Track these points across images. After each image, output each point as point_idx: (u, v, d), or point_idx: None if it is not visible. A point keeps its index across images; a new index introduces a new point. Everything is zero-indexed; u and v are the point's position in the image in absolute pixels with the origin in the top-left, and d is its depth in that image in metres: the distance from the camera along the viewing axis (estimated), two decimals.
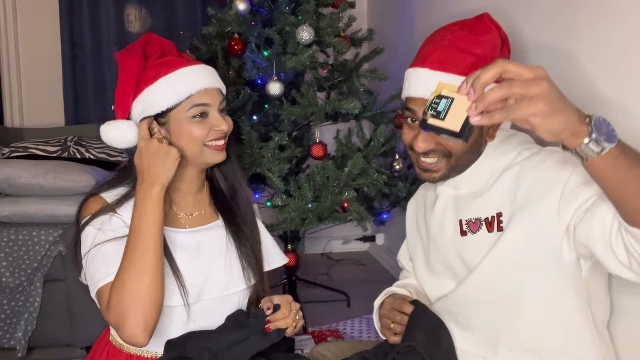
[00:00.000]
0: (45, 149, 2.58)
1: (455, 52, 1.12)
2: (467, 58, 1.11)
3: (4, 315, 2.29)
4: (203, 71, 1.26)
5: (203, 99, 1.22)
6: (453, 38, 1.13)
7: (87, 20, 3.35)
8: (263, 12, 2.33)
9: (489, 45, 1.13)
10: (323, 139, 2.28)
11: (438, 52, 1.13)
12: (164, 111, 1.21)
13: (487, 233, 1.14)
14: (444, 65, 1.11)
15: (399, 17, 2.99)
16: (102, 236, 1.17)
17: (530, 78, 0.73)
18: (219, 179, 1.34)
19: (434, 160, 1.15)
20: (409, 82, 1.17)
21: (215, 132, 1.23)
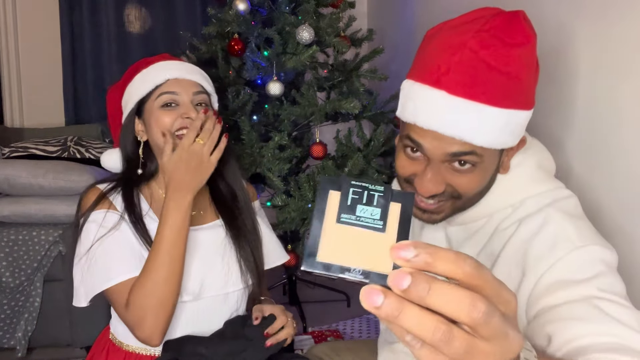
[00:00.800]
0: (45, 149, 2.58)
1: (483, 70, 0.83)
2: (498, 80, 0.83)
3: (4, 315, 2.29)
4: (177, 64, 1.29)
5: (171, 87, 1.24)
6: (478, 46, 0.83)
7: (87, 20, 3.36)
8: (263, 12, 2.33)
9: (525, 63, 0.85)
10: (323, 139, 2.27)
11: (458, 69, 0.84)
12: (140, 104, 1.26)
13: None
14: (468, 89, 0.83)
15: (399, 17, 2.99)
16: (103, 230, 1.18)
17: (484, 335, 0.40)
18: (218, 181, 1.34)
19: (439, 203, 0.93)
20: (415, 105, 0.88)
21: (183, 120, 1.22)
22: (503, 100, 0.84)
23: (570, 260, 0.83)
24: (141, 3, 3.45)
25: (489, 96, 0.83)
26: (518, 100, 0.86)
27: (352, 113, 2.21)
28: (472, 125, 0.84)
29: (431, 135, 0.87)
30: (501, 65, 0.83)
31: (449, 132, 0.85)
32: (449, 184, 0.90)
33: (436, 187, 0.89)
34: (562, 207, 0.91)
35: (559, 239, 0.86)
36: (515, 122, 0.87)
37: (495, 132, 0.85)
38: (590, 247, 0.84)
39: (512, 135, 0.88)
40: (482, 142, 0.85)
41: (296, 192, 2.14)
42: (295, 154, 2.23)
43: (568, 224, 0.87)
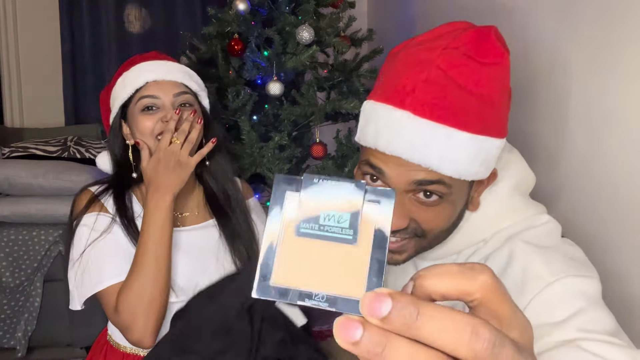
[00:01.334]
0: (45, 149, 2.58)
1: (452, 90, 0.74)
2: (468, 102, 0.75)
3: (4, 315, 2.29)
4: (157, 65, 1.27)
5: (150, 91, 1.23)
6: (446, 65, 0.75)
7: (87, 20, 3.36)
8: (263, 12, 2.33)
9: (498, 84, 0.77)
10: (323, 139, 2.27)
11: (425, 88, 0.75)
12: (123, 108, 1.25)
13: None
14: (436, 111, 0.74)
15: (399, 17, 2.99)
16: (95, 234, 1.18)
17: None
18: (209, 181, 1.34)
19: (402, 242, 0.82)
20: (377, 127, 0.78)
21: (163, 124, 1.22)
22: (475, 124, 0.75)
23: (544, 301, 0.73)
24: (141, 3, 3.45)
25: (460, 119, 0.74)
26: (491, 126, 0.77)
27: (352, 113, 2.21)
28: (440, 151, 0.74)
29: (394, 162, 0.77)
30: (472, 85, 0.74)
31: (414, 158, 0.75)
32: (412, 218, 0.79)
33: (399, 222, 0.79)
34: (528, 238, 0.81)
35: (528, 277, 0.76)
36: (487, 151, 0.77)
37: (466, 161, 0.76)
38: (564, 280, 0.74)
39: (483, 165, 0.78)
40: (451, 171, 0.75)
41: None
42: (295, 154, 2.23)
43: (535, 257, 0.77)
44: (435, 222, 0.80)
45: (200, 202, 1.33)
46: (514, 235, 0.82)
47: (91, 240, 1.17)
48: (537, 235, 0.82)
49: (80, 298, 1.17)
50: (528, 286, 0.75)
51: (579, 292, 0.73)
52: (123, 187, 1.26)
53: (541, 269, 0.76)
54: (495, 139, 0.78)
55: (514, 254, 0.79)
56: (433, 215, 0.80)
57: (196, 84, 1.31)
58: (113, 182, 1.27)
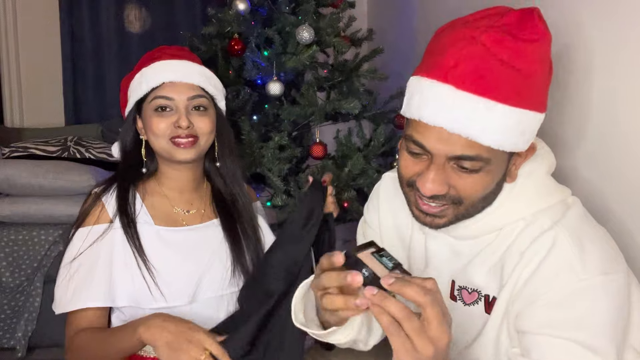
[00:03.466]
0: (45, 149, 2.58)
1: (493, 65, 0.79)
2: (509, 76, 0.80)
3: (4, 315, 2.29)
4: (177, 65, 1.25)
5: (165, 91, 1.22)
6: (489, 42, 0.80)
7: (87, 20, 3.36)
8: (263, 12, 2.33)
9: (538, 59, 0.82)
10: (323, 139, 2.27)
11: (467, 63, 0.80)
12: (139, 103, 1.25)
13: (483, 312, 0.93)
14: (477, 84, 0.79)
15: (399, 17, 2.99)
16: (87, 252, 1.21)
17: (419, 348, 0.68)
18: (217, 182, 1.34)
19: (441, 207, 0.89)
20: (420, 100, 0.84)
21: (175, 129, 1.21)
22: (515, 97, 0.80)
23: (570, 293, 0.84)
24: (141, 3, 3.45)
25: (500, 92, 0.79)
26: (531, 99, 0.82)
27: (352, 113, 2.21)
28: (481, 122, 0.80)
29: (436, 133, 0.82)
30: (514, 61, 0.79)
31: (454, 128, 0.80)
32: (452, 186, 0.85)
33: (438, 188, 0.85)
34: (570, 224, 0.89)
35: (564, 268, 0.84)
36: (526, 123, 0.83)
37: (504, 132, 0.81)
38: (593, 279, 0.83)
39: (522, 137, 0.84)
40: (490, 142, 0.81)
41: (296, 192, 2.13)
42: (295, 154, 2.23)
43: (574, 251, 0.85)
44: (473, 190, 0.86)
45: (207, 200, 1.34)
46: (558, 221, 0.88)
47: (77, 258, 1.21)
48: (577, 222, 0.89)
49: (60, 309, 1.21)
50: (562, 277, 0.84)
51: (602, 297, 0.83)
52: (128, 183, 1.26)
53: (577, 264, 0.84)
54: (534, 112, 0.84)
55: (557, 242, 0.86)
56: (471, 183, 0.85)
57: (214, 86, 1.29)
58: (118, 176, 1.27)
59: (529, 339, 0.86)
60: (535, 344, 0.85)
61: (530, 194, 0.92)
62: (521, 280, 0.88)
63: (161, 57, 1.26)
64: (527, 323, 0.86)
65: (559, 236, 0.86)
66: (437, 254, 1.00)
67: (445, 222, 0.90)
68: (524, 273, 0.87)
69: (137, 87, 1.25)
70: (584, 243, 0.86)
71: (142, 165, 1.27)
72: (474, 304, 0.94)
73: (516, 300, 0.88)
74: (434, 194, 0.86)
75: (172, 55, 1.27)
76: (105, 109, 3.40)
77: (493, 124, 0.80)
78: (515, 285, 0.88)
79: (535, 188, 0.92)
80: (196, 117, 1.23)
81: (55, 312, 1.22)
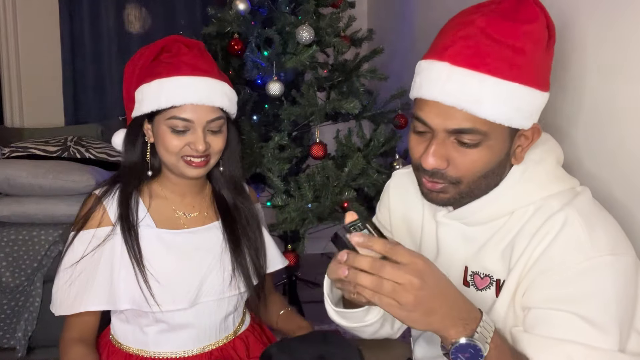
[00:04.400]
0: (45, 149, 2.58)
1: (487, 43, 0.85)
2: (502, 52, 0.85)
3: (4, 315, 2.29)
4: (198, 85, 1.17)
5: (186, 114, 1.16)
6: (485, 23, 0.86)
7: (87, 20, 3.36)
8: (263, 12, 2.33)
9: (531, 38, 0.87)
10: (323, 139, 2.27)
11: (463, 42, 0.86)
12: (153, 112, 1.20)
13: (494, 297, 0.95)
14: (470, 60, 0.85)
15: (399, 17, 2.99)
16: (89, 256, 1.19)
17: (402, 282, 0.72)
18: (220, 184, 1.33)
19: (441, 185, 0.93)
20: (421, 79, 0.91)
21: (190, 150, 1.18)
22: (507, 71, 0.85)
23: (579, 272, 0.86)
24: (141, 3, 3.45)
25: (491, 67, 0.85)
26: (523, 74, 0.86)
27: (352, 113, 2.21)
28: (473, 94, 0.85)
29: (435, 108, 0.88)
30: (507, 39, 0.85)
31: (448, 101, 0.86)
32: (451, 162, 0.89)
33: (437, 161, 0.89)
34: (581, 207, 0.91)
35: (574, 246, 0.87)
36: (520, 97, 0.87)
37: (497, 105, 0.85)
38: (602, 258, 0.86)
39: (518, 113, 0.87)
40: (483, 113, 0.85)
41: (296, 192, 2.13)
42: (295, 154, 2.23)
43: (584, 230, 0.88)
44: (472, 167, 0.89)
45: (209, 202, 1.33)
46: (569, 203, 0.91)
47: (80, 262, 1.19)
48: (587, 205, 0.93)
49: (62, 311, 1.21)
50: (572, 255, 0.86)
51: (609, 276, 0.85)
52: (132, 188, 1.24)
53: (587, 243, 0.86)
54: (531, 88, 0.87)
55: (568, 221, 0.88)
56: (470, 159, 0.89)
57: (230, 102, 1.24)
58: (121, 181, 1.25)
59: (532, 314, 0.88)
60: (538, 318, 0.87)
61: (540, 179, 0.95)
62: (531, 261, 0.90)
63: (181, 68, 1.18)
64: (532, 299, 0.89)
65: (570, 216, 0.89)
66: (448, 241, 1.02)
67: (449, 197, 0.94)
68: (534, 253, 0.89)
69: (154, 97, 1.17)
70: (593, 223, 0.89)
71: (146, 167, 1.24)
72: (486, 289, 0.97)
73: (524, 279, 0.90)
74: (434, 167, 0.89)
75: (194, 67, 1.19)
76: (105, 109, 3.40)
77: (485, 96, 0.85)
78: (525, 265, 0.90)
79: (546, 174, 0.95)
80: (211, 137, 1.20)
81: (55, 314, 1.22)
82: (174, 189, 1.28)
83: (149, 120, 1.22)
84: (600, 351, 0.83)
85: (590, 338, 0.83)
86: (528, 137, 0.93)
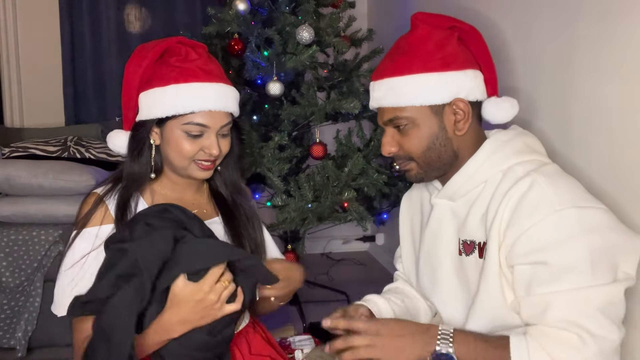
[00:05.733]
0: (45, 149, 2.58)
1: (388, 58, 1.18)
2: (393, 59, 1.16)
3: (4, 315, 2.29)
4: (215, 91, 1.20)
5: (203, 119, 1.18)
6: (393, 46, 1.19)
7: (87, 20, 3.36)
8: (263, 12, 2.33)
9: (415, 41, 1.15)
10: (323, 139, 2.27)
11: (380, 63, 1.20)
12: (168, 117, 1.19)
13: (477, 258, 1.11)
14: (378, 73, 1.18)
15: (399, 17, 2.99)
16: (93, 253, 1.17)
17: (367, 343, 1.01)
18: (217, 181, 1.33)
19: (403, 164, 1.17)
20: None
21: (204, 154, 1.20)
22: (398, 71, 1.13)
23: (547, 224, 0.99)
24: (141, 3, 3.45)
25: (388, 72, 1.14)
26: (411, 67, 1.12)
27: (352, 113, 2.21)
28: (383, 94, 1.15)
29: (378, 113, 1.19)
30: (399, 49, 1.16)
31: (375, 105, 1.19)
32: (400, 145, 1.14)
33: (388, 146, 1.15)
34: (546, 171, 1.05)
35: (541, 201, 1.00)
36: (413, 82, 1.11)
37: (395, 94, 1.12)
38: (569, 210, 0.98)
39: (415, 94, 1.11)
40: (389, 104, 1.14)
41: (296, 192, 2.14)
42: (295, 154, 2.23)
43: (549, 187, 1.01)
44: (414, 144, 1.13)
45: (206, 199, 1.33)
46: (535, 170, 1.05)
47: (85, 258, 1.17)
48: (553, 171, 1.07)
49: (63, 311, 1.17)
50: (540, 208, 0.99)
51: (577, 222, 0.98)
52: (133, 189, 1.23)
53: (553, 197, 0.99)
54: (421, 74, 1.11)
55: (534, 183, 1.02)
56: (409, 139, 1.13)
57: (237, 105, 1.27)
58: (124, 183, 1.24)
59: (515, 272, 1.02)
60: (520, 275, 1.01)
61: (507, 152, 1.11)
62: (504, 221, 1.03)
63: (197, 74, 1.19)
64: (511, 257, 1.02)
65: (536, 178, 1.02)
66: (442, 219, 1.19)
67: (416, 173, 1.17)
68: (505, 214, 1.03)
69: (170, 103, 1.17)
70: (558, 183, 1.03)
71: (150, 170, 1.24)
72: (472, 253, 1.12)
73: (504, 240, 1.03)
74: (389, 152, 1.16)
75: (209, 73, 1.21)
76: (105, 109, 3.40)
77: (387, 92, 1.14)
78: (500, 226, 1.04)
79: (512, 149, 1.12)
80: (221, 141, 1.22)
81: (57, 315, 1.20)
82: (173, 188, 1.28)
83: (157, 124, 1.22)
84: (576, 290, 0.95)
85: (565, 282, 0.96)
86: (461, 111, 1.12)
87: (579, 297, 0.95)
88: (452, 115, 1.12)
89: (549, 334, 0.96)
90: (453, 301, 1.17)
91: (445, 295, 1.19)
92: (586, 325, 0.93)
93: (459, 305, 1.16)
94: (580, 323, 0.94)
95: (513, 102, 1.18)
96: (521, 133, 1.17)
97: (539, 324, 0.98)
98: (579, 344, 0.93)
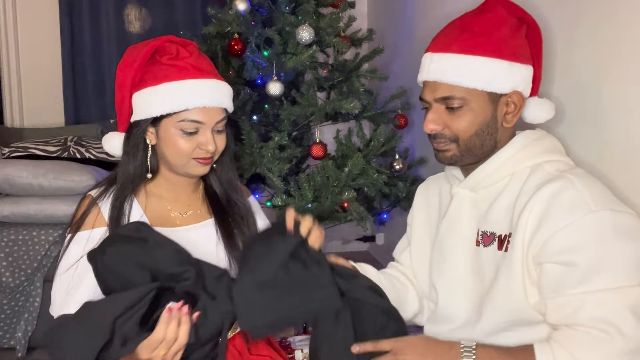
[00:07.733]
0: (45, 149, 2.58)
1: (455, 32, 1.13)
2: (465, 36, 1.11)
3: (4, 315, 2.29)
4: (208, 87, 1.20)
5: (198, 116, 1.18)
6: (459, 21, 1.15)
7: (87, 20, 3.35)
8: (263, 12, 2.33)
9: (490, 22, 1.11)
10: (323, 139, 2.27)
11: (441, 35, 1.15)
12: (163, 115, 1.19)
13: (496, 250, 1.11)
14: (441, 46, 1.13)
15: (399, 17, 2.99)
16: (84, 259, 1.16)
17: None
18: (213, 182, 1.33)
19: (443, 143, 1.14)
20: (420, 69, 1.18)
21: (201, 151, 1.20)
22: (468, 49, 1.10)
23: (584, 224, 0.99)
24: (141, 3, 3.44)
25: (456, 48, 1.10)
26: (484, 49, 1.09)
27: (352, 113, 2.21)
28: (444, 69, 1.10)
29: (427, 86, 1.14)
30: (471, 27, 1.12)
31: (431, 77, 1.13)
32: (447, 125, 1.11)
33: (434, 125, 1.12)
34: (578, 173, 1.07)
35: (577, 201, 1.00)
36: (482, 66, 1.08)
37: (460, 73, 1.09)
38: (603, 211, 0.99)
39: (482, 78, 1.08)
40: (451, 80, 1.09)
41: (296, 192, 2.14)
42: (295, 154, 2.23)
43: (586, 190, 1.02)
44: (463, 126, 1.11)
45: (201, 200, 1.33)
46: (567, 170, 1.08)
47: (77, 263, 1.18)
48: (584, 174, 1.08)
49: (60, 311, 1.21)
50: (575, 208, 1.00)
51: (611, 225, 0.99)
52: (128, 190, 1.23)
53: (589, 198, 1.01)
54: (490, 58, 1.09)
55: (569, 182, 1.03)
56: (458, 120, 1.11)
57: (231, 101, 1.27)
58: (119, 185, 1.24)
59: (543, 270, 1.02)
60: (547, 274, 1.01)
61: (536, 149, 1.13)
62: (534, 216, 1.03)
63: (189, 71, 1.19)
64: (542, 254, 1.02)
65: (570, 179, 1.03)
66: (462, 209, 1.19)
67: (452, 155, 1.14)
68: (536, 207, 1.03)
69: (164, 101, 1.18)
70: (592, 185, 1.04)
71: (146, 170, 1.24)
72: (490, 245, 1.12)
73: (534, 235, 1.03)
74: (433, 130, 1.13)
75: (200, 69, 1.21)
76: (105, 109, 3.39)
77: (446, 68, 1.10)
78: (528, 220, 1.04)
79: (542, 147, 1.13)
80: (217, 137, 1.22)
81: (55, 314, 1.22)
82: (169, 188, 1.28)
83: (152, 124, 1.22)
84: (608, 290, 0.96)
85: (597, 283, 0.96)
86: (513, 104, 1.12)
87: (612, 296, 0.96)
88: (504, 106, 1.12)
89: (576, 335, 0.96)
90: (462, 290, 1.17)
91: (454, 283, 1.19)
92: (616, 323, 0.94)
93: (468, 295, 1.16)
94: (610, 320, 0.94)
95: (552, 105, 1.20)
96: (549, 134, 1.18)
97: (568, 326, 0.98)
98: (607, 339, 0.94)
